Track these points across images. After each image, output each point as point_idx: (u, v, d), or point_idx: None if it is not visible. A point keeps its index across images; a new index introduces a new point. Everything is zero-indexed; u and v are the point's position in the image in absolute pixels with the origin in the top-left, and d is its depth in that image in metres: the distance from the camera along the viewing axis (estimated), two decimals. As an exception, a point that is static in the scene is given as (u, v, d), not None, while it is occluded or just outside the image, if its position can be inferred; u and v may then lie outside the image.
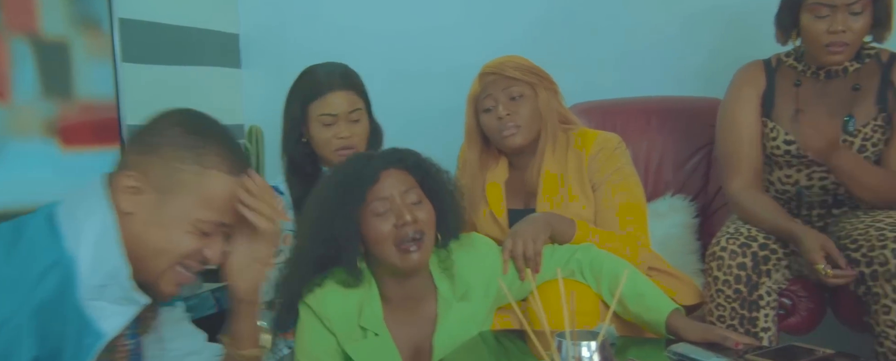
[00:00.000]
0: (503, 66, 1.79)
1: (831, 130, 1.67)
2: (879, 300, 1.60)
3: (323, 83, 1.83)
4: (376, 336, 1.47)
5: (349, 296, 1.47)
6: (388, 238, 1.41)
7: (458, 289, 1.50)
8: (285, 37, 2.82)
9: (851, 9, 1.65)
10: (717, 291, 1.71)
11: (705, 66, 2.35)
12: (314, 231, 1.44)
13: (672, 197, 2.21)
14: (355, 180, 1.42)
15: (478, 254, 1.55)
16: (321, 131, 1.82)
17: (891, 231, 1.61)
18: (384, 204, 1.42)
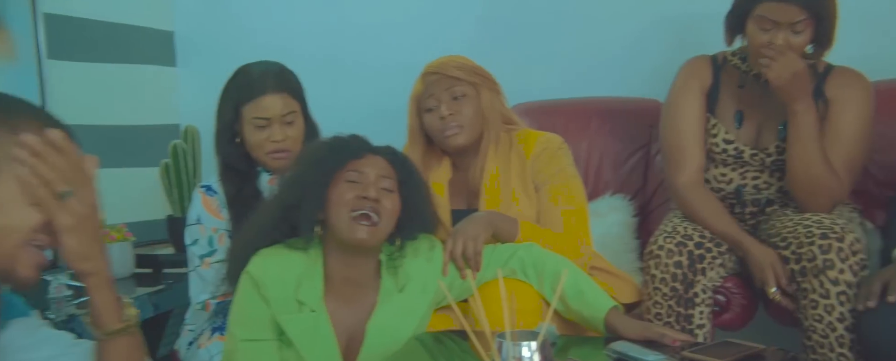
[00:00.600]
0: (446, 65, 1.79)
1: (801, 67, 1.69)
2: (807, 295, 1.65)
3: (256, 85, 1.79)
4: (313, 312, 1.47)
5: (291, 267, 1.48)
6: (347, 205, 1.45)
7: (399, 281, 1.52)
8: (222, 34, 2.76)
9: (794, 28, 1.70)
10: (655, 289, 1.74)
11: (645, 67, 2.39)
12: (286, 183, 1.51)
13: (611, 197, 2.24)
14: (343, 147, 1.51)
15: (421, 249, 1.57)
16: (254, 134, 1.79)
17: (817, 229, 1.66)
18: (358, 176, 1.48)
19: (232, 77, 1.84)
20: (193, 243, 1.83)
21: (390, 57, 2.59)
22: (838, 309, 1.61)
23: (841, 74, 1.83)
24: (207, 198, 1.83)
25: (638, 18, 2.40)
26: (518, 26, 2.52)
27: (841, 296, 1.61)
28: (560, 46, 2.49)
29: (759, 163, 1.86)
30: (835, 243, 1.62)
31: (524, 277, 1.57)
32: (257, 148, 1.80)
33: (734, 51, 1.89)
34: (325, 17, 2.69)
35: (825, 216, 1.71)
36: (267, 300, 1.48)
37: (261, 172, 1.85)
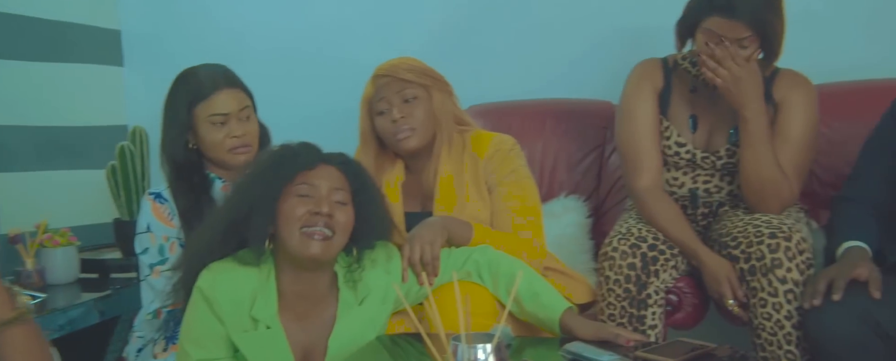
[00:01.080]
0: (397, 68, 1.78)
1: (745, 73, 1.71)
2: (757, 293, 1.68)
3: (207, 83, 1.76)
4: (268, 328, 1.43)
5: (244, 284, 1.44)
6: (298, 220, 1.40)
7: (359, 294, 1.49)
8: (171, 33, 2.70)
9: (740, 43, 1.73)
10: (608, 290, 1.76)
11: (599, 69, 2.41)
12: (234, 195, 1.46)
13: (566, 198, 2.26)
14: (293, 158, 1.45)
15: (379, 260, 1.54)
16: (212, 132, 1.75)
17: (766, 228, 1.69)
18: (309, 189, 1.42)
19: (177, 82, 1.80)
20: (143, 252, 1.78)
21: (345, 58, 2.56)
22: (786, 307, 1.64)
23: (787, 77, 1.87)
24: (157, 206, 1.78)
25: (591, 22, 2.42)
26: (473, 28, 2.53)
27: (788, 294, 1.64)
28: (515, 48, 2.50)
29: (710, 166, 1.89)
30: (783, 242, 1.66)
31: (479, 280, 1.57)
32: (217, 147, 1.76)
33: (684, 55, 1.92)
34: (277, 17, 2.65)
35: (774, 216, 1.75)
36: (220, 317, 1.43)
37: (214, 180, 1.81)
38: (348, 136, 1.91)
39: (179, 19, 2.71)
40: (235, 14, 2.67)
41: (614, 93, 2.03)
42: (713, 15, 1.73)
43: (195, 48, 2.15)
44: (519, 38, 2.50)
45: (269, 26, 2.64)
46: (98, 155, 2.50)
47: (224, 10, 2.68)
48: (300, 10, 2.64)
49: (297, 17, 2.64)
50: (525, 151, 2.28)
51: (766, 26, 1.71)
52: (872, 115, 1.81)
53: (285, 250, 1.43)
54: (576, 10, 2.43)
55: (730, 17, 1.70)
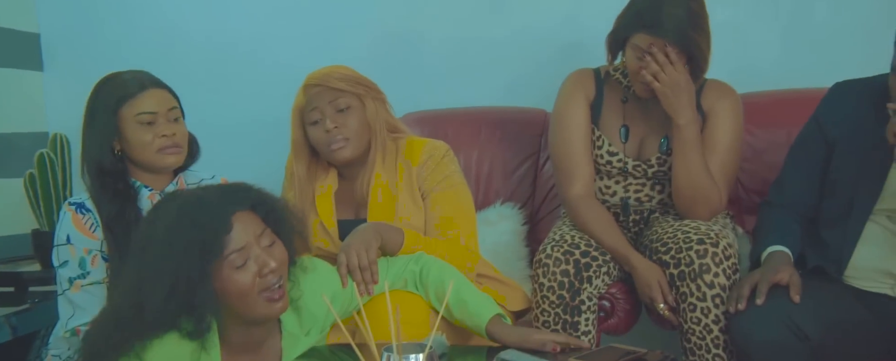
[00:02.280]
0: (328, 77, 1.75)
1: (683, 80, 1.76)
2: (686, 298, 1.71)
3: (133, 84, 1.70)
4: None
5: (182, 345, 1.31)
6: (252, 290, 1.29)
7: (304, 324, 1.44)
8: (93, 37, 2.61)
9: (667, 59, 1.77)
10: (542, 297, 1.77)
11: (534, 77, 2.43)
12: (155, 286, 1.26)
13: (501, 205, 2.27)
14: (209, 231, 1.27)
15: (322, 282, 1.49)
16: (140, 133, 1.68)
17: (695, 234, 1.73)
18: (243, 255, 1.29)
19: (100, 85, 1.73)
20: (62, 264, 1.69)
21: (277, 64, 2.53)
22: (714, 312, 1.68)
23: (714, 88, 1.92)
24: (78, 216, 1.70)
25: (525, 32, 2.44)
26: (409, 37, 2.52)
27: (716, 299, 1.68)
28: (450, 56, 2.51)
29: (641, 174, 1.93)
30: (710, 248, 1.70)
31: (414, 288, 1.56)
32: (145, 149, 1.69)
33: (616, 66, 1.95)
34: (207, 22, 2.59)
35: (702, 223, 1.79)
36: None
37: (140, 188, 1.75)
38: (280, 143, 1.87)
39: (102, 23, 2.62)
40: (162, 18, 2.60)
41: (549, 101, 2.05)
42: (641, 31, 1.77)
43: (119, 53, 2.08)
44: (454, 47, 2.50)
45: (199, 32, 2.58)
46: (16, 163, 2.39)
47: (149, 14, 2.60)
48: (231, 16, 2.58)
49: (228, 22, 2.58)
50: (460, 158, 2.28)
51: (691, 44, 1.75)
52: (793, 123, 1.87)
53: (241, 315, 1.33)
54: (511, 21, 2.45)
55: (656, 35, 1.74)
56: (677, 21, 1.72)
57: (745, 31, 2.33)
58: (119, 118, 1.68)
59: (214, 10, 2.59)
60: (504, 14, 2.45)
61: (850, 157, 1.68)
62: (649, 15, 1.75)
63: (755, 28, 2.34)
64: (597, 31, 1.92)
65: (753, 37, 2.34)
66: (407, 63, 2.51)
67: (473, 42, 2.48)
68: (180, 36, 2.59)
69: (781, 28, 2.34)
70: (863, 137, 1.63)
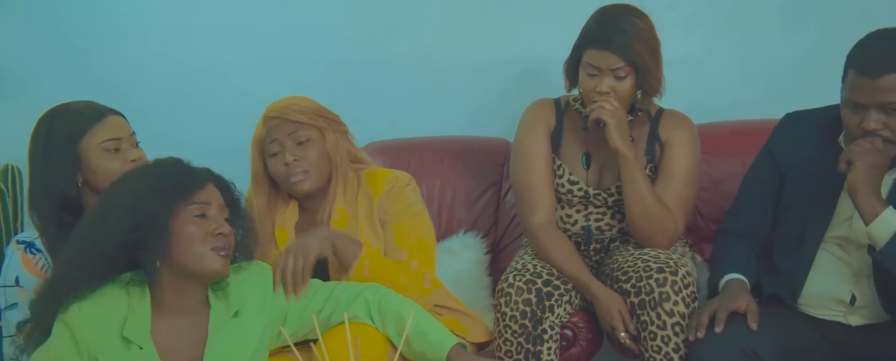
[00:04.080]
0: (288, 110, 1.74)
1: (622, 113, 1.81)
2: (647, 327, 1.73)
3: (89, 113, 1.66)
4: (140, 349, 1.40)
5: (113, 305, 1.42)
6: (203, 241, 1.41)
7: (231, 307, 1.48)
8: (48, 67, 2.55)
9: (616, 74, 1.81)
10: (505, 326, 1.77)
11: (496, 107, 2.45)
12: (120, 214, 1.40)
13: (464, 234, 2.26)
14: (187, 177, 1.45)
15: (253, 271, 1.54)
16: (107, 161, 1.64)
17: (654, 263, 1.75)
18: (203, 208, 1.43)
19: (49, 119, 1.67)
20: (10, 307, 1.63)
21: (237, 93, 2.50)
22: (674, 340, 1.70)
23: (671, 117, 1.96)
24: (28, 257, 1.64)
25: (487, 61, 2.47)
26: (370, 66, 2.52)
27: (675, 327, 1.70)
28: (412, 85, 2.51)
29: (602, 203, 1.95)
30: (669, 276, 1.71)
31: (369, 320, 1.53)
32: (113, 176, 1.61)
33: (575, 96, 1.98)
34: (164, 52, 2.55)
35: (661, 251, 1.81)
36: (81, 344, 1.39)
37: None
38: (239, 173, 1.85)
39: (56, 52, 2.56)
40: (118, 47, 2.55)
41: (511, 130, 2.07)
42: (589, 48, 1.82)
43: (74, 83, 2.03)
44: (416, 76, 2.51)
45: (157, 61, 2.55)
46: (-35, 194, 2.31)
47: (105, 43, 2.56)
48: (191, 44, 2.56)
49: (186, 51, 2.55)
50: (423, 188, 2.28)
51: (637, 58, 1.79)
52: (748, 153, 1.91)
53: (180, 267, 1.42)
54: (472, 50, 2.47)
55: (604, 49, 1.79)
56: (623, 36, 1.78)
57: (702, 65, 2.39)
58: (81, 149, 1.63)
59: (173, 38, 2.56)
60: (465, 43, 2.47)
61: (801, 185, 1.72)
62: (597, 31, 1.82)
63: (711, 62, 2.40)
64: (557, 61, 1.95)
65: (709, 70, 2.40)
66: (369, 92, 2.51)
67: (435, 71, 2.49)
68: (138, 66, 2.55)
69: (736, 62, 2.41)
70: (813, 166, 1.67)
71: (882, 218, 1.53)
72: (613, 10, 1.85)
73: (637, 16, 1.83)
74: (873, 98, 1.53)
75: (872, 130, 1.54)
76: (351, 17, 2.51)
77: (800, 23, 2.36)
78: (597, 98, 1.81)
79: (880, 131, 1.54)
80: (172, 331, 1.45)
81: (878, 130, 1.54)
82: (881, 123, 1.53)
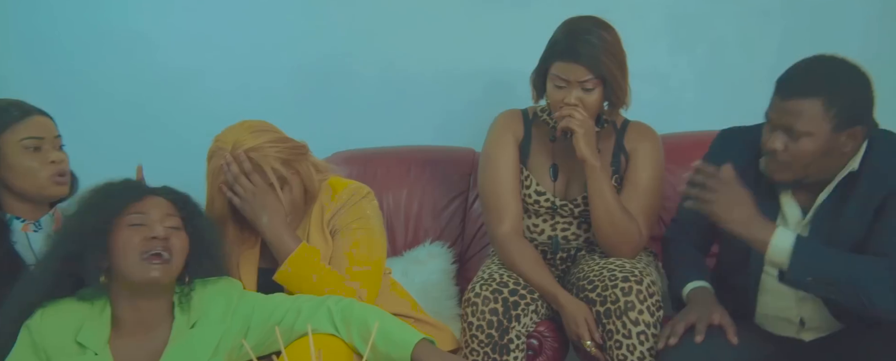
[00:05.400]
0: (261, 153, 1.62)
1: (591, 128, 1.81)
2: (612, 335, 1.74)
3: (14, 109, 1.65)
4: (96, 355, 1.43)
5: (72, 314, 1.45)
6: (135, 249, 1.42)
7: (191, 318, 1.50)
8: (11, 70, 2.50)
9: (584, 85, 1.82)
10: (472, 336, 1.76)
11: (463, 117, 2.46)
12: (63, 235, 1.46)
13: (431, 244, 2.26)
14: (120, 192, 1.47)
15: (221, 284, 1.55)
16: (25, 158, 1.63)
17: (620, 272, 1.76)
18: (141, 218, 1.45)
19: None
20: None
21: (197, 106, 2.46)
22: (639, 349, 1.71)
23: (636, 129, 1.98)
24: None
25: (454, 71, 2.47)
26: (336, 75, 2.51)
27: (641, 336, 1.71)
28: (378, 95, 2.51)
29: (568, 213, 1.96)
30: (635, 285, 1.73)
31: (333, 329, 1.50)
32: (32, 176, 1.63)
33: (543, 107, 1.99)
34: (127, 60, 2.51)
35: (627, 261, 1.82)
36: (39, 347, 1.42)
37: (11, 220, 1.66)
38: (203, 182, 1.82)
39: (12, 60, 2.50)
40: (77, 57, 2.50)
41: (477, 140, 2.07)
42: (557, 60, 1.83)
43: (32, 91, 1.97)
44: (384, 86, 2.51)
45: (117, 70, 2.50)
46: None
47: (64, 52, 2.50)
48: (151, 53, 2.51)
49: (148, 60, 2.52)
50: (389, 197, 2.28)
51: (604, 70, 1.81)
52: (712, 163, 1.93)
53: (123, 279, 1.44)
54: (440, 60, 2.48)
55: (571, 61, 1.80)
56: (590, 48, 1.80)
57: (666, 76, 2.43)
58: (0, 144, 1.62)
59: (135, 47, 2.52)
60: (433, 53, 2.47)
61: None
62: (564, 43, 1.83)
63: (675, 74, 2.44)
64: (524, 72, 1.96)
65: (673, 82, 2.44)
66: (336, 101, 2.50)
67: (403, 81, 2.49)
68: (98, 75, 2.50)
69: (699, 74, 2.45)
70: (746, 185, 1.61)
71: (773, 246, 1.49)
72: (580, 22, 1.87)
73: (604, 28, 1.85)
74: (780, 119, 1.53)
75: (772, 150, 1.54)
76: (318, 25, 2.49)
77: (761, 37, 2.42)
78: (565, 109, 1.82)
79: (780, 154, 1.53)
80: (132, 342, 1.47)
81: (779, 152, 1.53)
82: (783, 145, 1.53)
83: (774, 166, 1.56)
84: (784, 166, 1.55)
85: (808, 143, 1.50)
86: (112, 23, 2.51)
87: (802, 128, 1.50)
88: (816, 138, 1.50)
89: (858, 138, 1.53)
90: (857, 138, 1.53)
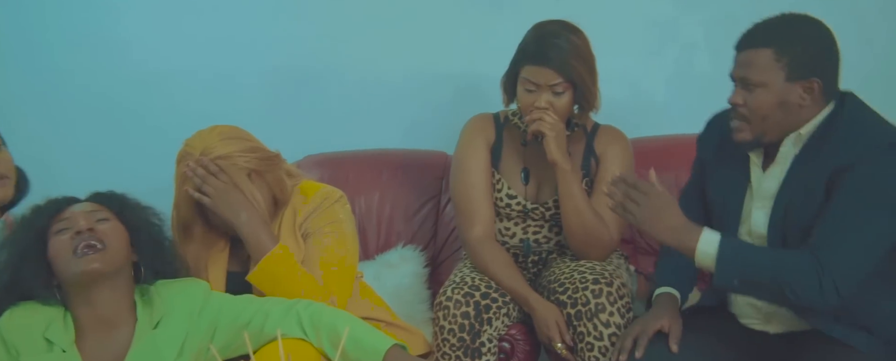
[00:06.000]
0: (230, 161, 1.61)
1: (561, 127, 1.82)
2: (584, 338, 1.75)
3: None
4: (64, 352, 1.45)
5: (39, 313, 1.48)
6: (66, 249, 1.45)
7: (154, 317, 1.50)
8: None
9: (554, 89, 1.83)
10: (443, 340, 1.76)
11: (435, 120, 2.46)
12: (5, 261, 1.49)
13: (403, 248, 2.26)
14: (44, 209, 1.51)
15: (185, 284, 1.56)
16: None
17: (590, 274, 1.78)
18: (65, 223, 1.48)
19: None
20: None
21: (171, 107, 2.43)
22: (610, 350, 1.72)
23: (606, 132, 1.99)
24: None
25: (427, 74, 2.47)
26: (308, 78, 2.49)
27: (612, 338, 1.72)
28: (351, 98, 2.50)
29: (540, 217, 1.97)
30: (605, 287, 1.74)
31: (302, 333, 1.49)
32: None
33: (514, 111, 2.00)
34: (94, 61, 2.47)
35: (597, 263, 1.84)
36: (9, 344, 1.44)
37: None
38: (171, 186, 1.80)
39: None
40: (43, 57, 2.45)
41: (449, 143, 2.07)
42: (527, 64, 1.84)
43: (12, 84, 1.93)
44: (354, 89, 2.50)
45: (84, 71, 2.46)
46: None
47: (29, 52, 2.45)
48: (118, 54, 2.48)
49: (115, 61, 2.48)
50: (361, 201, 2.26)
51: (574, 73, 1.82)
52: (681, 166, 1.95)
53: (70, 284, 1.47)
54: (411, 63, 2.47)
55: (541, 65, 1.81)
56: (560, 52, 1.81)
57: (636, 78, 2.45)
58: None
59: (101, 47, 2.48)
60: (404, 56, 2.47)
61: (717, 183, 1.70)
62: (534, 47, 1.84)
63: (645, 76, 2.46)
64: (495, 76, 1.97)
65: (644, 85, 2.46)
66: (307, 105, 2.49)
67: (373, 84, 2.49)
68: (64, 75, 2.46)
69: (667, 78, 2.47)
70: (726, 162, 1.64)
71: (699, 251, 1.47)
72: (550, 26, 1.88)
73: (573, 32, 1.86)
74: (737, 72, 1.54)
75: (734, 105, 1.55)
76: (290, 29, 2.48)
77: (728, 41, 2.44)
78: (536, 112, 1.83)
79: (740, 107, 1.54)
80: (98, 340, 1.48)
81: (739, 105, 1.54)
82: (742, 99, 1.53)
83: (736, 124, 1.56)
84: (744, 122, 1.55)
85: (763, 94, 1.50)
86: (74, 22, 2.47)
87: (755, 78, 1.50)
88: (770, 88, 1.50)
89: (815, 93, 1.51)
90: (813, 92, 1.51)
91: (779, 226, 1.56)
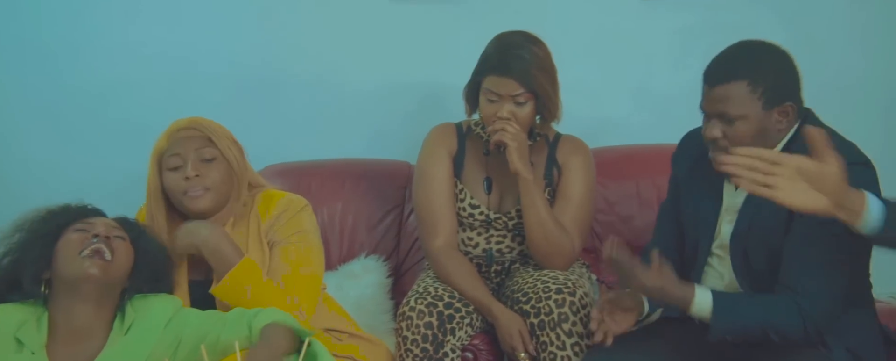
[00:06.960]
0: (201, 124, 1.70)
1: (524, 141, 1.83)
2: (546, 347, 1.75)
3: None
4: (33, 354, 1.45)
5: (13, 313, 1.48)
6: (76, 246, 1.47)
7: (125, 324, 1.51)
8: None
9: (516, 99, 1.84)
10: (406, 350, 1.75)
11: (398, 130, 2.46)
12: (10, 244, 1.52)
13: (366, 258, 2.25)
14: (73, 210, 1.55)
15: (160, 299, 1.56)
16: None
17: (553, 284, 1.79)
18: (85, 225, 1.52)
19: None
20: None
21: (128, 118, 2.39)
22: (573, 360, 1.72)
23: (567, 142, 2.01)
24: None
25: (389, 84, 2.47)
26: (269, 88, 2.48)
27: (574, 347, 1.73)
28: (312, 108, 2.49)
29: (502, 226, 1.97)
30: (568, 297, 1.75)
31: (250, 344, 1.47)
32: None
33: (477, 121, 2.01)
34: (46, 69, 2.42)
35: (560, 273, 1.85)
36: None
37: None
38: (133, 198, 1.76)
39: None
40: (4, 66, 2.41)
41: (412, 153, 2.07)
42: (490, 74, 1.85)
43: None
44: (316, 98, 2.48)
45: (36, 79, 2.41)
46: None
47: None
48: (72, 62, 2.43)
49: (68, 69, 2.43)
50: (324, 211, 2.25)
51: (536, 84, 1.84)
52: (641, 175, 1.99)
53: (62, 281, 1.47)
54: (374, 73, 2.47)
55: (504, 75, 1.82)
56: (522, 62, 1.82)
57: (597, 89, 2.47)
58: None
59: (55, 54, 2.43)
60: (366, 66, 2.47)
61: (690, 200, 1.73)
62: (496, 58, 1.85)
63: (606, 87, 2.49)
64: (457, 86, 1.97)
65: (605, 96, 2.49)
66: (268, 114, 2.47)
67: (336, 93, 2.48)
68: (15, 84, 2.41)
69: (630, 89, 2.50)
70: (700, 180, 1.68)
71: (696, 305, 1.52)
72: (512, 37, 1.89)
73: (535, 43, 1.88)
74: (712, 107, 1.56)
75: (712, 139, 1.57)
76: (251, 37, 2.46)
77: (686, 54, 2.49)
78: (498, 122, 1.83)
79: (719, 141, 1.56)
80: (68, 346, 1.48)
81: (719, 139, 1.56)
82: (721, 132, 1.55)
83: (717, 155, 1.58)
84: (725, 152, 1.54)
85: (744, 125, 1.53)
86: (26, 28, 2.42)
87: (735, 112, 1.52)
88: (750, 119, 1.52)
89: (790, 115, 1.55)
90: (789, 115, 1.55)
91: (742, 238, 1.59)
